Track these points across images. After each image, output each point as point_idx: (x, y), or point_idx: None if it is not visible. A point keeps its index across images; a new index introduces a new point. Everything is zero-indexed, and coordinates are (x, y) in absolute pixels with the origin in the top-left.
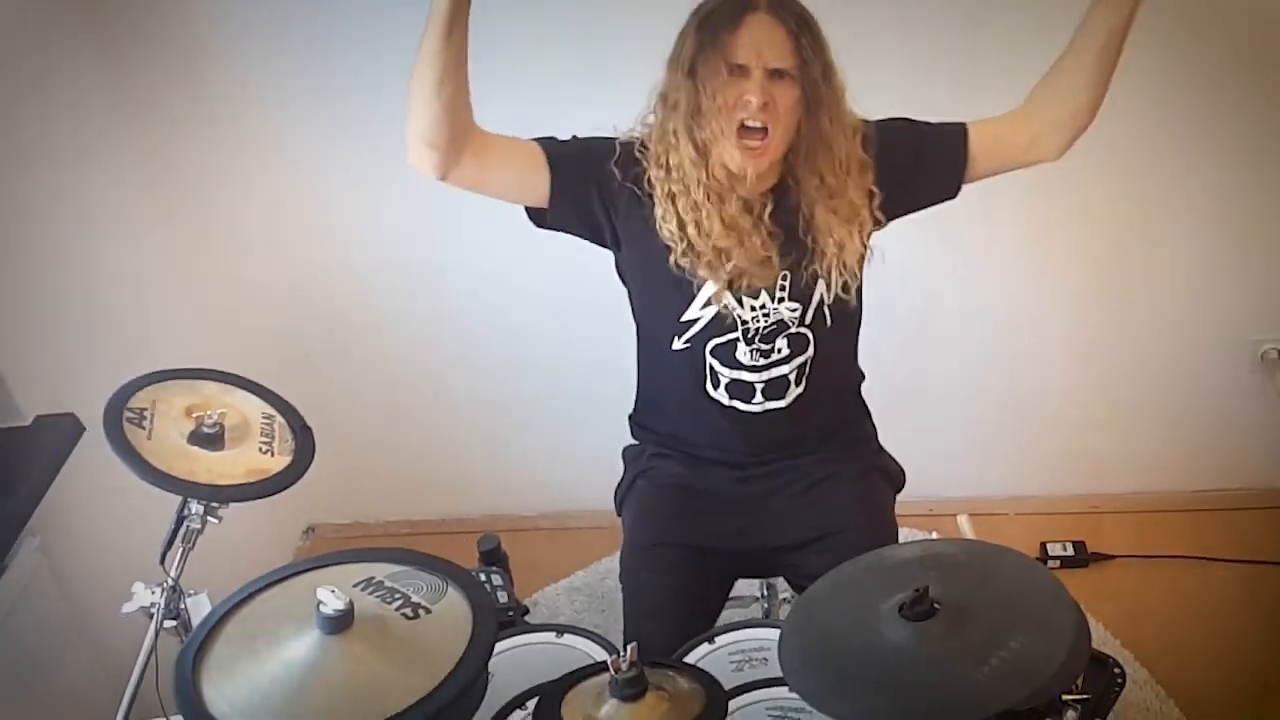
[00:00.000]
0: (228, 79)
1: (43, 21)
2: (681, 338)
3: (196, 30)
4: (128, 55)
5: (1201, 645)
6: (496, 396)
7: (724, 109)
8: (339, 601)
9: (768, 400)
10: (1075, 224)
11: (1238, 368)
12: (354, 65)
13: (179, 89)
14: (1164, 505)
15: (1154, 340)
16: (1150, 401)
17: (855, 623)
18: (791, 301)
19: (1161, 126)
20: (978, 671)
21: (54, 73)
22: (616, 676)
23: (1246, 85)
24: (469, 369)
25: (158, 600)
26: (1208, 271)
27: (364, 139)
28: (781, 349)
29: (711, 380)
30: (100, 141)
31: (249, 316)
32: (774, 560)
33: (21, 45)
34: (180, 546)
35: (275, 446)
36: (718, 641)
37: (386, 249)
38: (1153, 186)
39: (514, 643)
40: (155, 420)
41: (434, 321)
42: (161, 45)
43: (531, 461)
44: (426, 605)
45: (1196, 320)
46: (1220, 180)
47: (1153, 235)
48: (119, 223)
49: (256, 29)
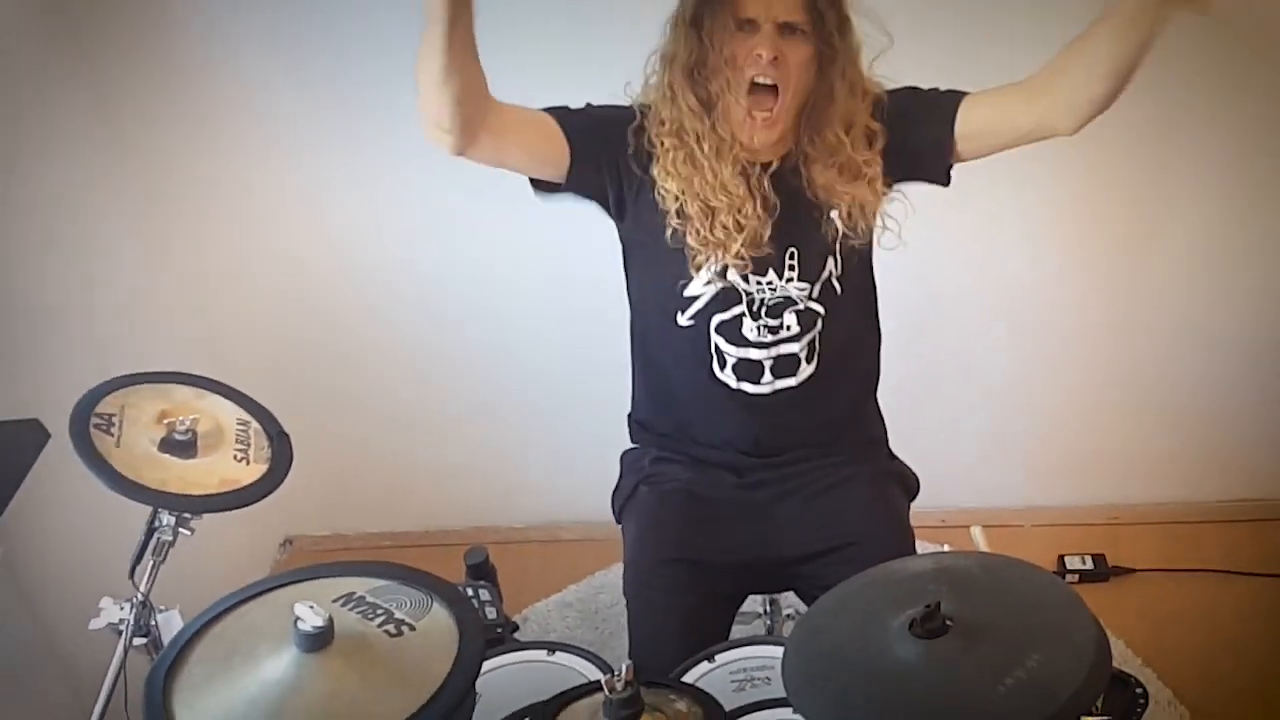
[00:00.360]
0: (218, 77)
1: (31, 25)
2: (685, 313)
3: (187, 30)
4: (110, 55)
5: (1227, 663)
6: (484, 401)
7: (731, 63)
8: (318, 618)
9: (777, 379)
10: (1095, 230)
11: (1264, 375)
12: (349, 63)
13: (162, 89)
14: (1188, 516)
15: (1176, 346)
16: (1172, 408)
17: (863, 640)
18: (801, 281)
19: (1171, 126)
20: (993, 692)
21: (37, 71)
22: (611, 697)
23: (1250, 83)
24: (455, 371)
25: (127, 616)
26: (1236, 277)
27: (351, 144)
28: (790, 325)
29: (718, 360)
30: (79, 141)
31: (224, 319)
32: (786, 573)
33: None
34: (150, 560)
35: (251, 454)
36: (718, 660)
37: (371, 256)
38: (1172, 187)
39: (503, 661)
40: (124, 426)
41: (418, 325)
42: (150, 44)
43: (521, 470)
44: (410, 622)
45: (1221, 327)
46: (1256, 180)
47: (1176, 239)
48: (89, 220)
49: (253, 28)
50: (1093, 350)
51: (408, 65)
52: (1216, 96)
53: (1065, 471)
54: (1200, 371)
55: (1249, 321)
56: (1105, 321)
